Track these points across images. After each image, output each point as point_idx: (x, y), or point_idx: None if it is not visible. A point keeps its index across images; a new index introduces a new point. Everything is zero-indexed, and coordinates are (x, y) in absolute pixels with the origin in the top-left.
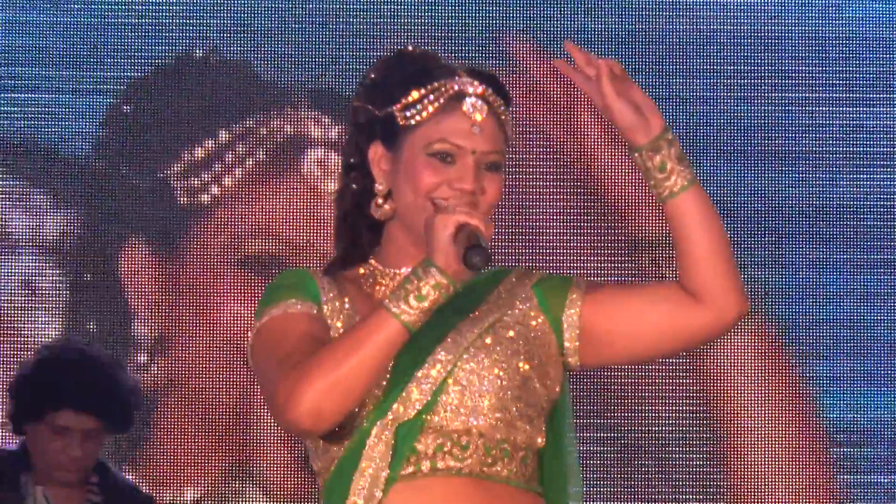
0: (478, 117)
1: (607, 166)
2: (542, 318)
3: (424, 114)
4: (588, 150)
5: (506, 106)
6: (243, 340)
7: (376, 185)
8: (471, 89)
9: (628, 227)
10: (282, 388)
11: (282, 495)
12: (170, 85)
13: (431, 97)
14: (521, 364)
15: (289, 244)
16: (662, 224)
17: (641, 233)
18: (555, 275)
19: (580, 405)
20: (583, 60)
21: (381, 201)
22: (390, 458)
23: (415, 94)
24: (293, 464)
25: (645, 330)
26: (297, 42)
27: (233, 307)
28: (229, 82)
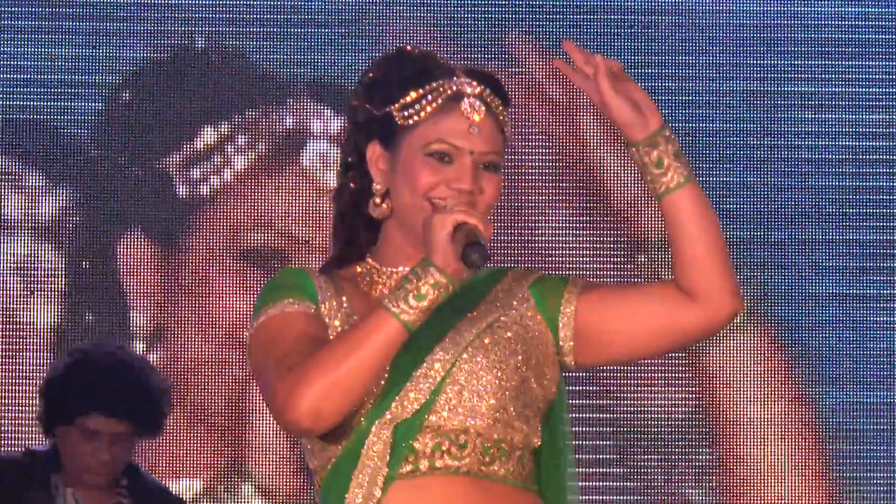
0: (476, 118)
1: (607, 168)
2: (539, 317)
3: (423, 114)
4: (588, 151)
5: (504, 106)
6: (241, 334)
7: (374, 185)
8: (469, 89)
9: (628, 229)
10: (281, 388)
11: (277, 493)
12: (170, 74)
13: (430, 97)
14: (519, 364)
15: (288, 238)
16: (659, 224)
17: (641, 235)
18: (552, 275)
19: (580, 404)
20: (581, 59)
21: (378, 200)
22: (389, 457)
23: (413, 94)
24: (290, 462)
25: (639, 328)
26: (298, 34)
27: (231, 300)
28: (230, 73)
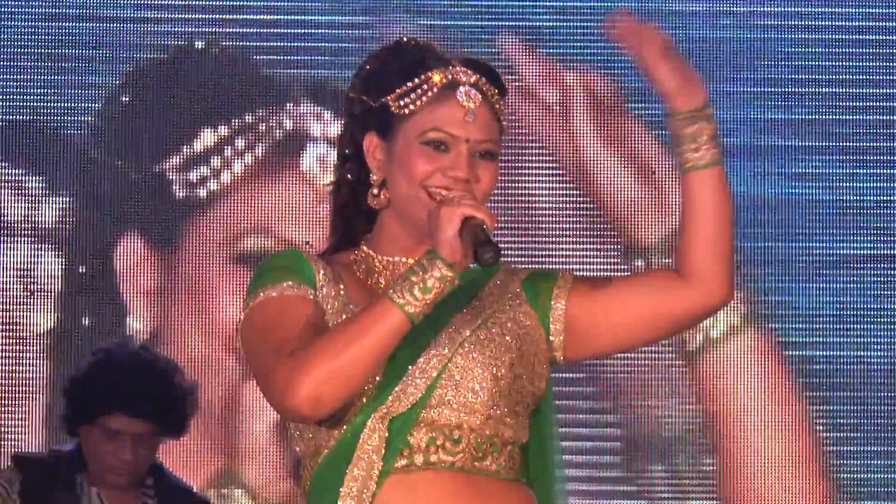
0: (471, 105)
1: (602, 168)
2: (531, 313)
3: (419, 103)
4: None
5: (501, 95)
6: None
7: (371, 175)
8: (464, 78)
9: (624, 233)
10: (281, 373)
11: (269, 498)
12: (169, 77)
13: (425, 86)
14: (513, 361)
15: (286, 241)
16: (655, 228)
17: (637, 239)
18: (542, 270)
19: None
20: (632, 28)
21: (376, 191)
22: (384, 451)
23: (409, 84)
24: (282, 468)
25: (629, 318)
26: (298, 36)
27: (228, 304)
28: (229, 75)
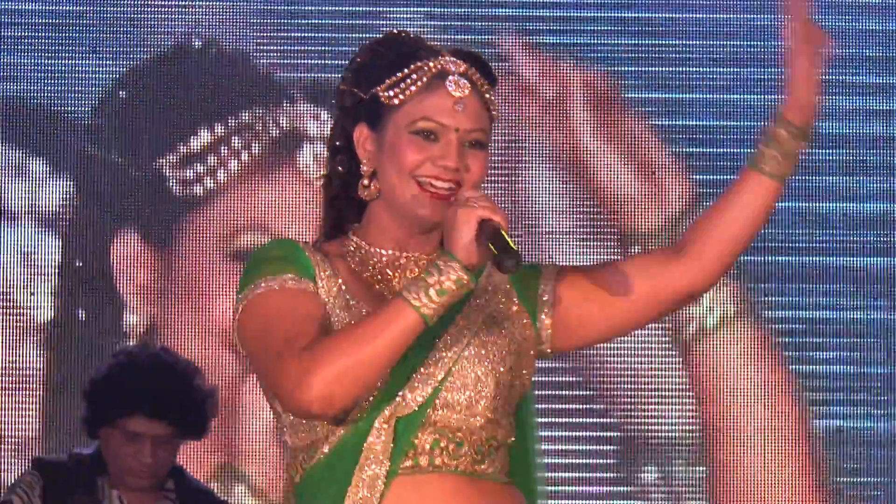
0: (460, 95)
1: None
2: (522, 310)
3: (408, 92)
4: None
5: (490, 85)
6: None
7: (361, 166)
8: (453, 68)
9: (618, 219)
10: (291, 370)
11: (270, 493)
12: (167, 74)
13: (414, 76)
14: (513, 363)
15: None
16: (651, 218)
17: (631, 227)
18: (526, 263)
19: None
20: (808, 22)
21: (367, 182)
22: (390, 451)
23: (398, 74)
24: (283, 462)
25: (617, 305)
26: (295, 36)
27: (225, 301)
28: (227, 74)
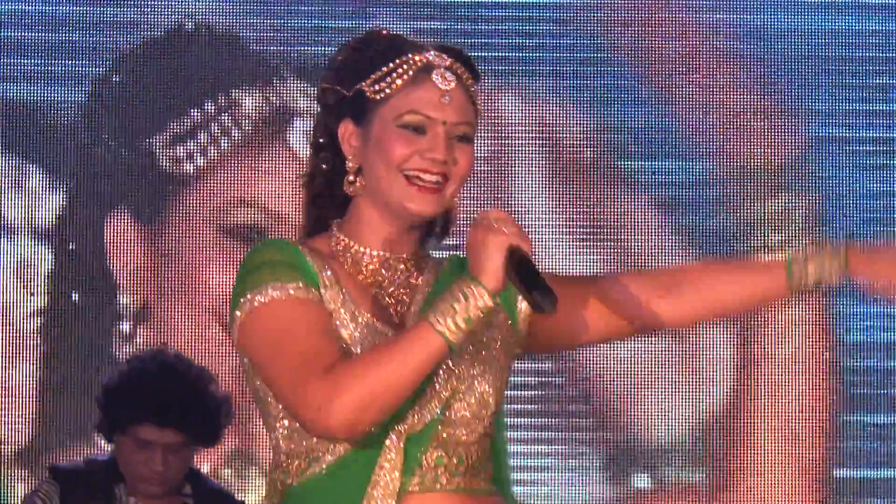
0: (447, 88)
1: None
2: (505, 316)
3: (394, 86)
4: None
5: (474, 80)
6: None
7: (347, 162)
8: (439, 61)
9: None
10: (315, 392)
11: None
12: (157, 56)
13: (400, 70)
14: (507, 373)
15: (273, 215)
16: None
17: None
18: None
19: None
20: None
21: (352, 178)
22: (401, 469)
23: (383, 69)
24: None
25: (590, 323)
26: (283, 15)
27: (217, 277)
28: (218, 54)
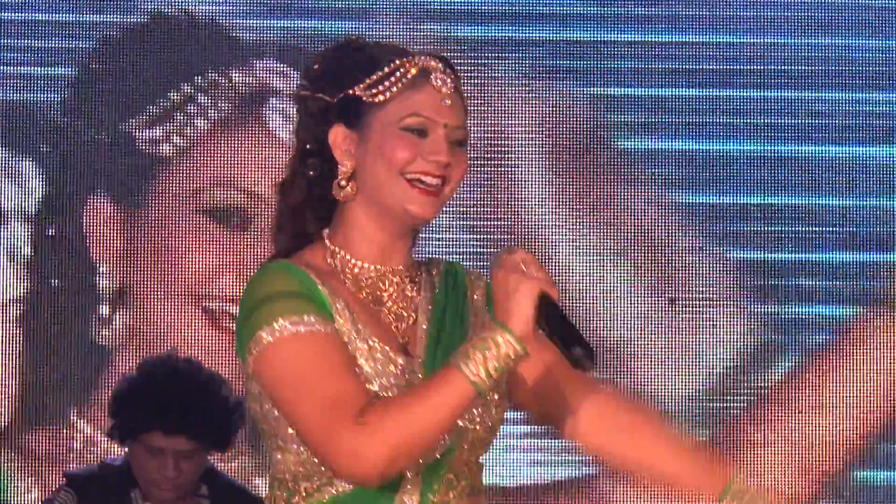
0: (447, 91)
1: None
2: None
3: (394, 89)
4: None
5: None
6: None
7: (339, 167)
8: (434, 64)
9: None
10: (348, 440)
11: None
12: (135, 42)
13: (398, 73)
14: (506, 399)
15: (251, 194)
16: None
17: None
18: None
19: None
20: None
21: (344, 182)
22: (419, 496)
23: (378, 73)
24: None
25: (544, 406)
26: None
27: (196, 257)
28: (195, 39)
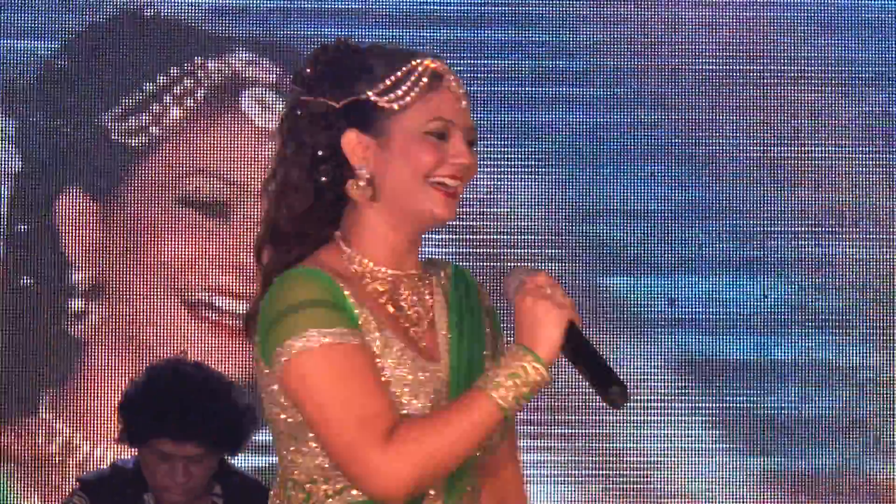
0: (461, 92)
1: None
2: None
3: (413, 94)
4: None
5: None
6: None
7: (357, 170)
8: (443, 66)
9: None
10: (378, 462)
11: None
12: (108, 36)
13: (413, 77)
14: None
15: (229, 183)
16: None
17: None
18: (495, 315)
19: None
20: None
21: (363, 183)
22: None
23: (392, 77)
24: None
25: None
26: None
27: (173, 248)
28: (168, 33)
